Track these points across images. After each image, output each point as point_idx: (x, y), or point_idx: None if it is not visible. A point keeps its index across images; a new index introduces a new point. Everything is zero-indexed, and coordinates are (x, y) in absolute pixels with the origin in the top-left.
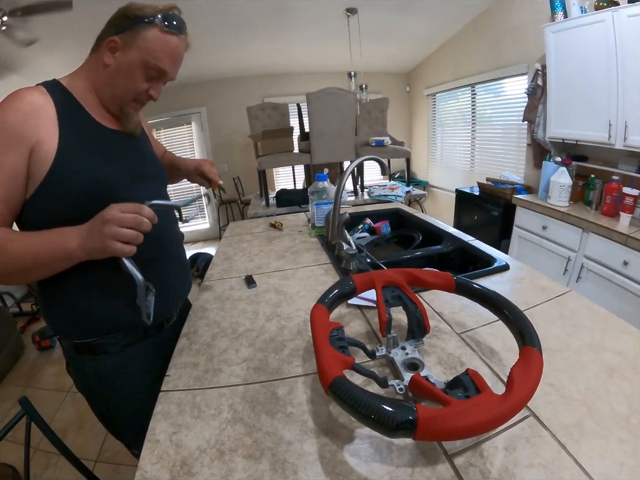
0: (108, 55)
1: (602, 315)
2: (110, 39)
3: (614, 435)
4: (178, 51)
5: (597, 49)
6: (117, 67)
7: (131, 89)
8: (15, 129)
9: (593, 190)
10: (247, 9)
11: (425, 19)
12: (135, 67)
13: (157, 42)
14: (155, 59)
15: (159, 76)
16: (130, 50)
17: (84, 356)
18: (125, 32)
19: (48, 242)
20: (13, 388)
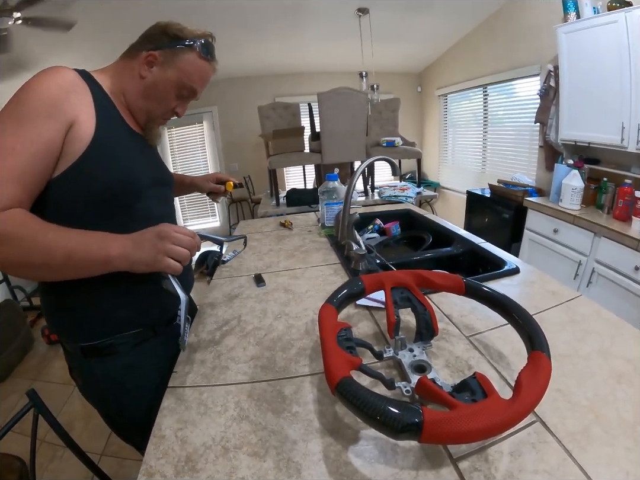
0: (145, 68)
1: (612, 321)
2: (150, 52)
3: (620, 443)
4: (209, 76)
5: (610, 50)
6: (153, 81)
7: (163, 104)
8: (57, 102)
9: (605, 193)
10: (259, 9)
11: (437, 19)
12: (171, 85)
13: (194, 65)
14: (190, 80)
15: (188, 96)
16: (169, 68)
17: (92, 359)
18: (164, 50)
19: (87, 241)
20: (22, 381)
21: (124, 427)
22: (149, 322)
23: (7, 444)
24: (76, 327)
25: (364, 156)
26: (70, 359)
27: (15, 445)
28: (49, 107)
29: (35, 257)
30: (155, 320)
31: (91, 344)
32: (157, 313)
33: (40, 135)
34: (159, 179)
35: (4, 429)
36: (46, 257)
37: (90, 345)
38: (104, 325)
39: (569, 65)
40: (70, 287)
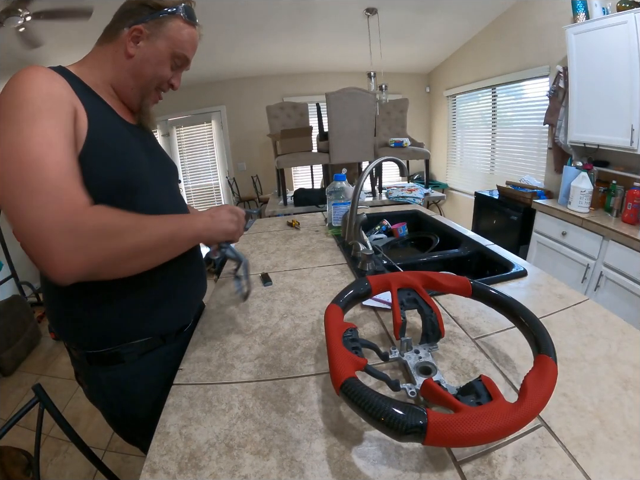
0: (131, 45)
1: (619, 326)
2: (134, 27)
3: (625, 450)
4: (197, 41)
5: (619, 51)
6: (143, 56)
7: (158, 76)
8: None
9: (614, 196)
10: (267, 9)
11: (445, 19)
12: (164, 56)
13: (182, 32)
14: (181, 48)
15: (182, 64)
16: (157, 40)
17: (98, 366)
18: (148, 22)
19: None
20: (28, 375)
21: (130, 431)
22: (158, 331)
23: (13, 437)
24: (81, 335)
25: (372, 156)
26: (76, 364)
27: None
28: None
29: (148, 240)
30: (165, 330)
31: (97, 351)
32: (167, 322)
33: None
34: (163, 170)
35: (10, 422)
36: (156, 238)
37: (95, 353)
38: (110, 334)
39: (579, 67)
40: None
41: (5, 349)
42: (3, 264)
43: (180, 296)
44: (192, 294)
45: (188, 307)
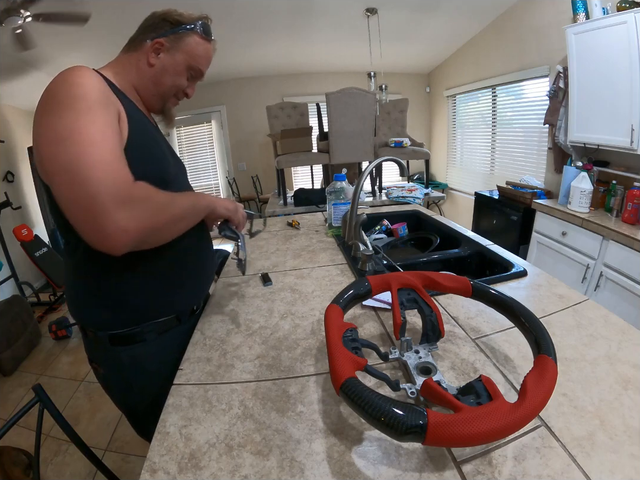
0: (153, 55)
1: (619, 326)
2: (157, 40)
3: (625, 450)
4: (211, 55)
5: (619, 51)
6: (162, 67)
7: (176, 86)
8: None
9: (614, 196)
10: (267, 9)
11: (445, 19)
12: (181, 68)
13: (199, 47)
14: (197, 62)
15: (196, 76)
16: (176, 53)
17: (120, 347)
18: (168, 36)
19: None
20: (28, 375)
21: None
22: (175, 311)
23: (13, 437)
24: (107, 316)
25: (372, 156)
26: (94, 348)
27: (21, 439)
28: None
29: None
30: (181, 310)
31: (121, 331)
32: (184, 302)
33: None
34: (180, 167)
35: (10, 422)
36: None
37: (119, 334)
38: (135, 314)
39: (578, 67)
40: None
41: (5, 349)
42: (3, 264)
43: (195, 276)
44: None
45: (202, 286)
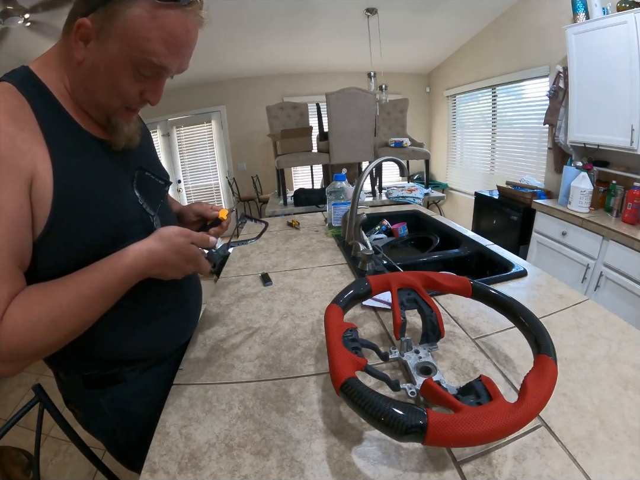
0: (79, 45)
1: (619, 326)
2: (78, 22)
3: (625, 450)
4: (184, 32)
5: (619, 51)
6: (91, 64)
7: (116, 94)
8: (7, 158)
9: (614, 196)
10: (267, 9)
11: (445, 19)
12: (118, 66)
13: (148, 24)
14: (145, 51)
15: (155, 74)
16: (108, 40)
17: (97, 390)
18: (97, 12)
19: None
20: (28, 375)
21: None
22: (157, 354)
23: (13, 437)
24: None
25: (372, 156)
26: (68, 390)
27: (21, 439)
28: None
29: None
30: (164, 352)
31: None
32: (166, 345)
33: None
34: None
35: (10, 422)
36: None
37: (94, 375)
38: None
39: (578, 67)
40: None
41: None
42: None
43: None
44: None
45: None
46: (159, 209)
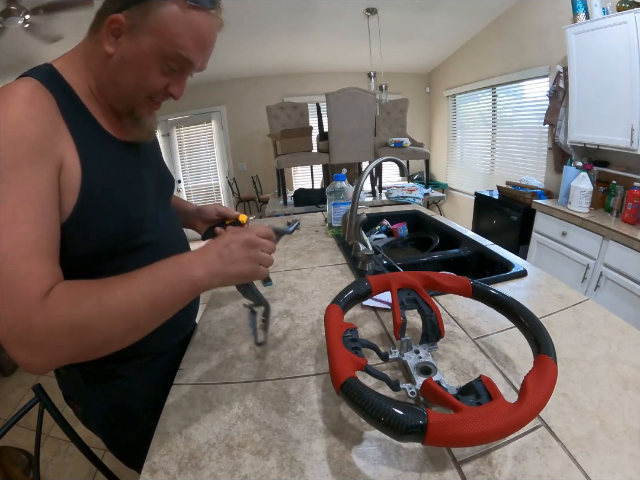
0: (110, 40)
1: (619, 326)
2: (111, 17)
3: (625, 450)
4: (209, 33)
5: (619, 51)
6: (122, 57)
7: (143, 86)
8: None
9: (614, 196)
10: (267, 9)
11: (445, 19)
12: (148, 58)
13: (180, 22)
14: (176, 45)
15: (182, 68)
16: (141, 35)
17: (96, 385)
18: (131, 8)
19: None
20: (28, 375)
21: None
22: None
23: (13, 437)
24: None
25: (372, 156)
26: (67, 385)
27: (21, 439)
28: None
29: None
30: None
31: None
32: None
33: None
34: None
35: (10, 422)
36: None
37: (94, 370)
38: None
39: (578, 67)
40: None
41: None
42: None
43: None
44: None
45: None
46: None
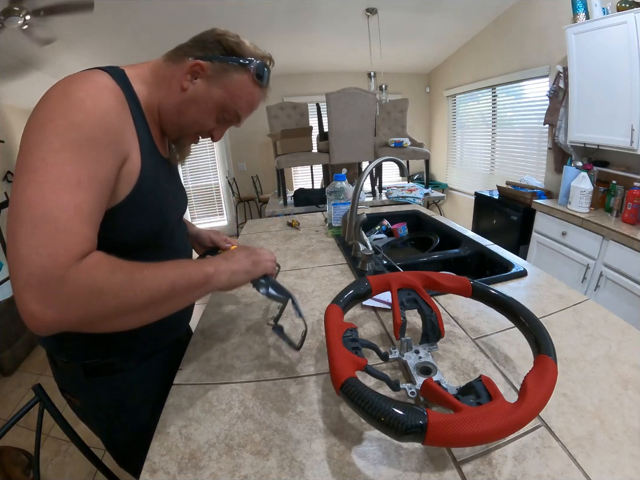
0: (188, 78)
1: (619, 326)
2: (197, 62)
3: (625, 450)
4: (257, 104)
5: (619, 51)
6: (193, 96)
7: (199, 123)
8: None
9: (614, 196)
10: (267, 9)
11: (446, 19)
12: (213, 105)
13: (245, 89)
14: (236, 104)
15: (230, 120)
16: (214, 85)
17: (96, 378)
18: (214, 62)
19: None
20: (28, 375)
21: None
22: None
23: (13, 437)
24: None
25: (372, 156)
26: (66, 379)
27: (21, 439)
28: (109, 136)
29: (140, 297)
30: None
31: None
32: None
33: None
34: (182, 211)
35: (10, 422)
36: (152, 293)
37: (94, 363)
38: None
39: (578, 67)
40: None
41: (5, 349)
42: (3, 264)
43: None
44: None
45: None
46: None
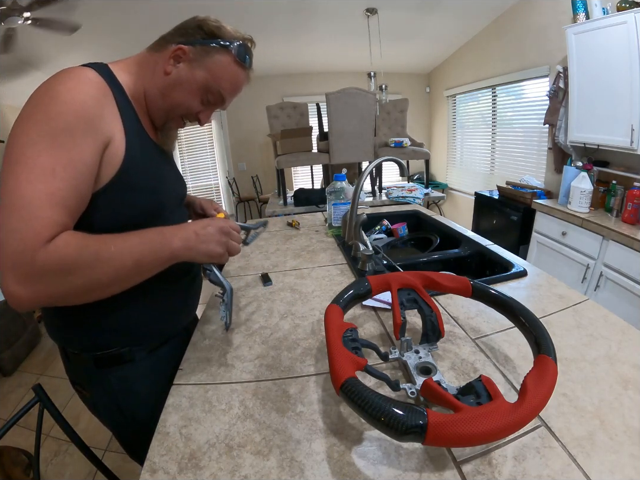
0: (171, 62)
1: (619, 326)
2: (178, 46)
3: (625, 450)
4: (241, 85)
5: (619, 51)
6: (177, 79)
7: (184, 106)
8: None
9: (614, 196)
10: (267, 9)
11: (446, 19)
12: (197, 86)
13: (227, 70)
14: (219, 85)
15: (215, 102)
16: (197, 68)
17: (107, 369)
18: (196, 46)
19: (149, 241)
20: (28, 375)
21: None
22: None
23: (13, 437)
24: (91, 336)
25: (372, 157)
26: (77, 370)
27: (21, 439)
28: (86, 124)
29: (106, 274)
30: (169, 333)
31: (106, 352)
32: (172, 326)
33: (81, 154)
34: (180, 195)
35: (10, 422)
36: (118, 270)
37: (105, 354)
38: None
39: (578, 67)
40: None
41: (5, 349)
42: None
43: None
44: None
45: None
46: None
